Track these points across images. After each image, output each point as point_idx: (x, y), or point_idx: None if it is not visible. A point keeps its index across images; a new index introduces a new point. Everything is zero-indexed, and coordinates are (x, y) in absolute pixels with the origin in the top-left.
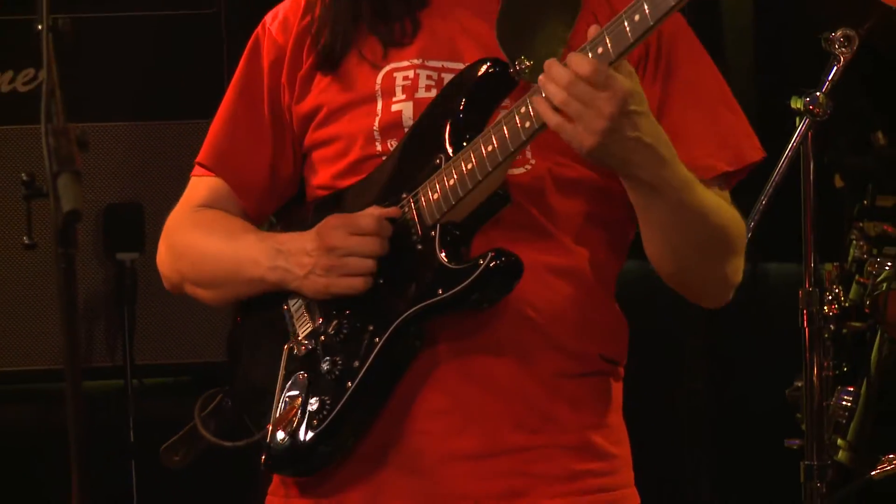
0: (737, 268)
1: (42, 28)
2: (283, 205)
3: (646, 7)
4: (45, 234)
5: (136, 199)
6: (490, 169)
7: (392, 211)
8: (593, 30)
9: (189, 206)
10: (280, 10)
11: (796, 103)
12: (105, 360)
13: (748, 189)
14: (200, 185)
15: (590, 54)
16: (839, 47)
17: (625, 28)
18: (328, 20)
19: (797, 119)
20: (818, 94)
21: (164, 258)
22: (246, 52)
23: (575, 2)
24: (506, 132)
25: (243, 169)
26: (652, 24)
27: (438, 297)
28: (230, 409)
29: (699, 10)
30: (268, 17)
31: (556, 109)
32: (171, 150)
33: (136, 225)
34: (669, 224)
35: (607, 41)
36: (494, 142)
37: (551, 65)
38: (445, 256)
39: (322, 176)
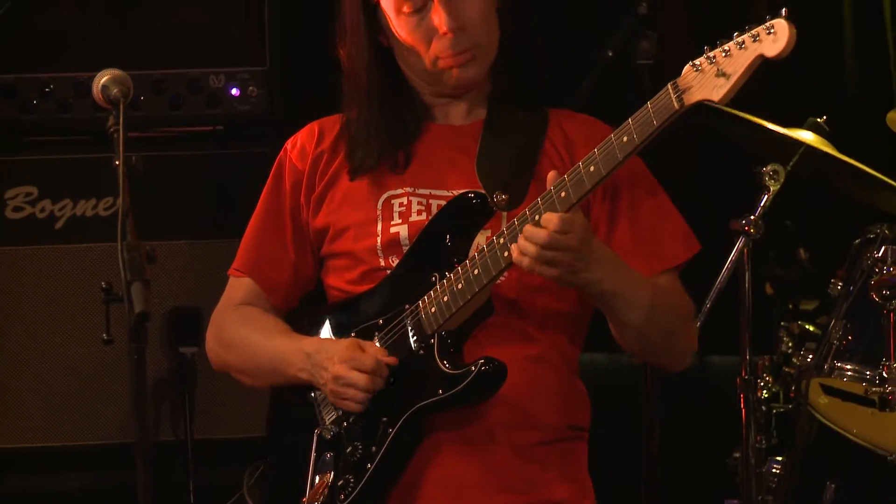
0: (691, 337)
1: (119, 164)
2: (306, 296)
3: (600, 162)
4: (121, 332)
5: (194, 303)
6: (477, 290)
7: (391, 360)
8: (553, 175)
9: (230, 303)
10: (298, 138)
11: (735, 225)
12: (169, 435)
13: (696, 295)
14: (238, 285)
15: (555, 198)
16: (769, 179)
17: (583, 177)
18: (361, 146)
19: (736, 238)
20: (752, 217)
21: (212, 346)
22: (272, 173)
23: (537, 134)
24: (489, 261)
25: (271, 272)
26: (605, 174)
27: (439, 397)
28: (271, 478)
29: (650, 152)
30: (288, 144)
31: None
32: (223, 263)
33: (195, 324)
34: (632, 317)
35: (569, 188)
36: (480, 267)
37: (527, 228)
38: (443, 362)
39: (337, 281)
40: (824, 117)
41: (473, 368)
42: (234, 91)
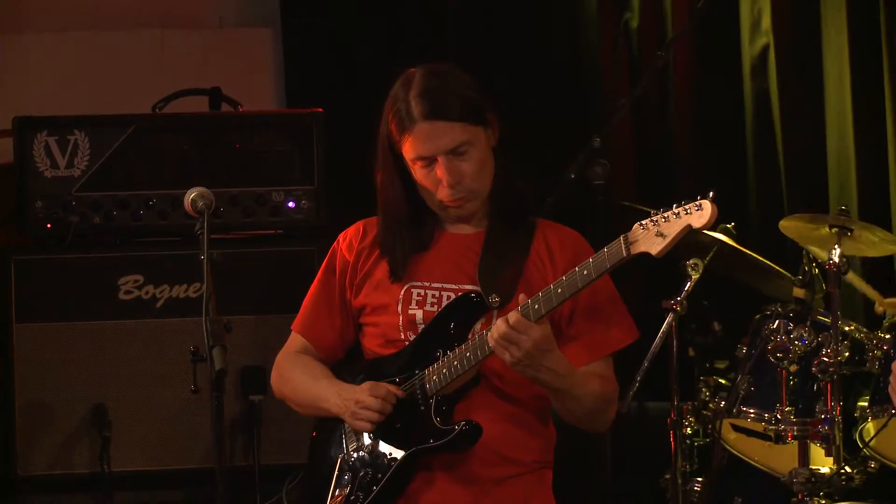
0: (610, 414)
1: (204, 258)
2: (350, 350)
3: (565, 287)
4: (205, 384)
5: (260, 363)
6: (467, 367)
7: (401, 393)
8: (522, 297)
9: (289, 351)
10: (348, 233)
11: (665, 304)
12: (241, 461)
13: (638, 355)
14: (296, 339)
15: (530, 309)
16: (691, 270)
17: (552, 297)
18: (392, 250)
19: (666, 313)
20: (678, 298)
21: (275, 382)
22: (327, 256)
23: (525, 247)
24: (478, 347)
25: (321, 335)
26: (568, 296)
27: (431, 444)
28: (305, 486)
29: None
30: (341, 237)
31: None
32: (280, 331)
33: (261, 378)
34: (567, 405)
35: (541, 302)
36: (471, 351)
37: (499, 321)
38: (436, 418)
39: (369, 344)
40: (732, 223)
41: (457, 427)
42: (291, 204)
